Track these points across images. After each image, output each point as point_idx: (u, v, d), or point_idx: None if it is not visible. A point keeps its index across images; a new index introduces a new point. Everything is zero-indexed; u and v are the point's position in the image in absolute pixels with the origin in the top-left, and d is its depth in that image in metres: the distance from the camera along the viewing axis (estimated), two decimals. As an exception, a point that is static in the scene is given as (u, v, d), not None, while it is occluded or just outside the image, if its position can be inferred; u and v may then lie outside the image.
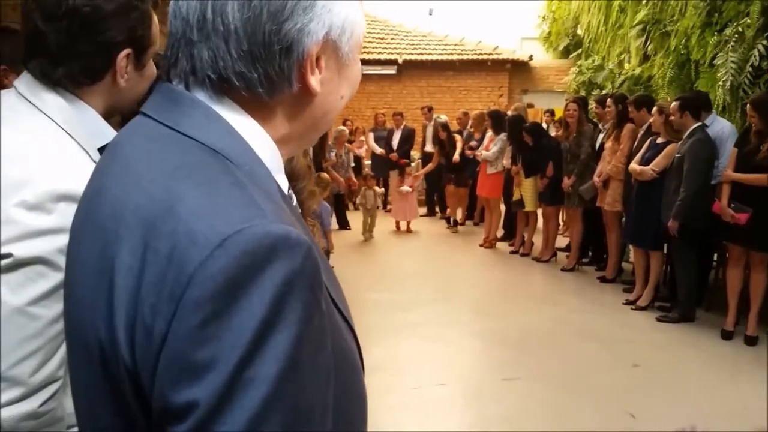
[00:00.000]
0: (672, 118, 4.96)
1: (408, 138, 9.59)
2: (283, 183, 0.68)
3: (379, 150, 9.48)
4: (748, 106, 4.52)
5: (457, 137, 8.47)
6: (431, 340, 4.60)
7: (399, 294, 5.31)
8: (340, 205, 8.42)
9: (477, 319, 4.97)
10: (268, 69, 0.60)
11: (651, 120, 5.34)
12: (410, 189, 8.34)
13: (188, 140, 0.60)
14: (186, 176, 0.56)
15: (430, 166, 8.75)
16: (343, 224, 8.49)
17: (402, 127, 9.60)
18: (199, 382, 0.50)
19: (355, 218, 8.48)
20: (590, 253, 6.80)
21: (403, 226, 8.52)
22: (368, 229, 7.95)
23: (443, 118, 9.83)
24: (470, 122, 8.74)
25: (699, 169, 4.68)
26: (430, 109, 9.53)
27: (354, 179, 8.50)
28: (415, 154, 10.05)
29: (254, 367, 0.50)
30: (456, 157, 8.24)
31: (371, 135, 9.83)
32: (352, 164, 8.91)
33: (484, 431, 3.31)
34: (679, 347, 4.54)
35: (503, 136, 7.26)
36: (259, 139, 0.64)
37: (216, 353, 0.50)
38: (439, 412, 3.52)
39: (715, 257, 5.52)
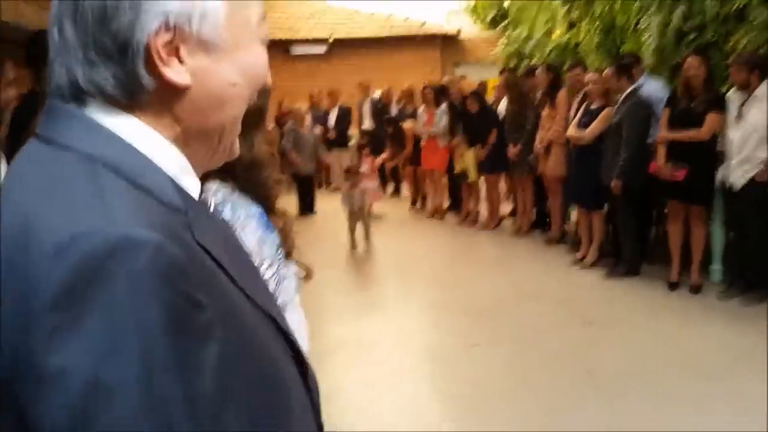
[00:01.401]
0: (608, 85, 5.10)
1: (344, 116, 9.51)
2: (191, 185, 0.65)
3: (317, 131, 9.35)
4: (689, 57, 4.65)
5: (406, 125, 8.21)
6: (392, 314, 4.63)
7: (355, 272, 5.30)
8: (305, 188, 8.20)
9: (434, 291, 5.03)
10: (115, 72, 0.60)
11: (586, 86, 5.45)
12: (368, 170, 7.78)
13: (67, 154, 0.59)
14: (48, 191, 0.57)
15: (385, 157, 8.43)
16: (308, 208, 8.26)
17: (338, 105, 9.51)
18: (55, 394, 0.50)
19: (323, 201, 8.36)
20: (534, 218, 6.96)
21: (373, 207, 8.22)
22: (364, 237, 6.48)
23: (378, 93, 9.85)
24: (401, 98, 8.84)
25: (638, 131, 4.86)
26: (368, 85, 9.47)
27: (326, 158, 8.36)
28: (353, 132, 9.99)
29: (109, 375, 0.50)
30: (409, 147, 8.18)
31: (308, 117, 9.69)
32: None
33: (451, 399, 3.36)
34: (628, 301, 4.73)
35: (445, 107, 7.31)
36: (147, 140, 0.62)
37: (66, 363, 0.50)
38: (407, 383, 3.54)
39: (655, 213, 5.76)
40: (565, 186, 5.96)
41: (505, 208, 7.38)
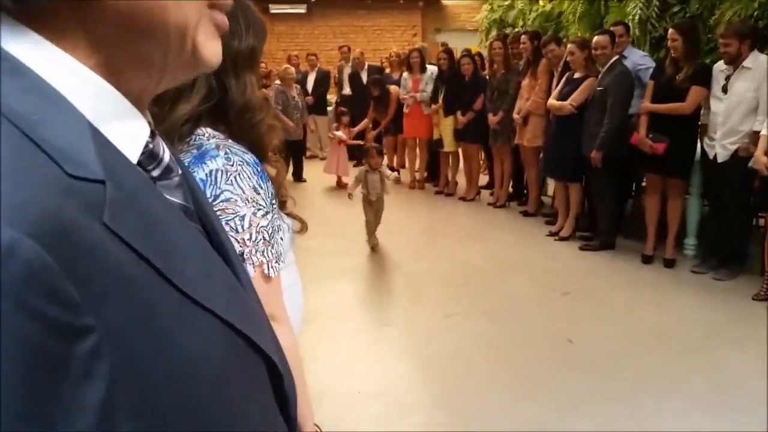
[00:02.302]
0: (598, 51, 5.03)
1: (323, 80, 9.33)
2: (129, 132, 0.48)
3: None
4: (670, 30, 4.63)
5: (393, 88, 7.82)
6: (370, 283, 4.61)
7: (334, 240, 5.24)
8: (296, 153, 7.87)
9: (413, 260, 5.00)
10: None
11: (569, 56, 5.39)
12: (344, 136, 7.59)
13: None
14: None
15: (365, 122, 8.15)
16: (299, 176, 7.98)
17: (316, 69, 9.32)
18: None
19: (310, 168, 8.19)
20: (512, 189, 6.96)
21: (344, 179, 7.68)
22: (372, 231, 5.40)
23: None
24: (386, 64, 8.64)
25: (622, 101, 4.83)
26: (349, 49, 9.27)
27: (309, 124, 7.96)
28: (331, 97, 9.83)
29: None
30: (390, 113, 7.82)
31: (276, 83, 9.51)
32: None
33: (431, 369, 3.36)
34: (603, 273, 4.77)
35: (432, 74, 7.19)
36: (56, 68, 0.44)
37: None
38: (385, 352, 3.53)
39: (633, 186, 5.79)
40: (544, 158, 5.94)
41: (482, 179, 7.36)
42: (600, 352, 3.49)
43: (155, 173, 0.52)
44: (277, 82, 7.93)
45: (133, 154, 0.48)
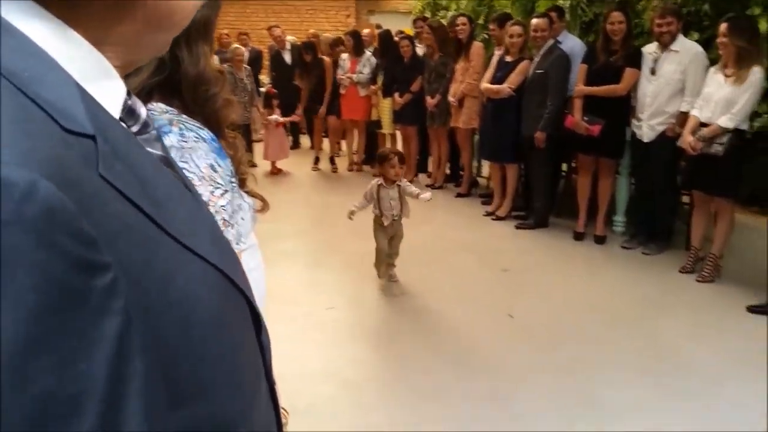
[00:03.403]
0: (537, 34, 5.12)
1: (256, 60, 9.10)
2: (110, 91, 0.50)
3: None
4: (614, 14, 4.67)
5: (326, 60, 7.51)
6: (315, 266, 4.57)
7: (275, 224, 5.15)
8: (245, 138, 7.55)
9: (356, 242, 4.97)
10: None
11: (511, 38, 5.45)
12: (281, 119, 7.33)
13: None
14: None
15: (303, 97, 7.71)
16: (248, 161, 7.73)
17: (249, 48, 9.07)
18: None
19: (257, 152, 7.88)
20: (449, 171, 7.05)
21: (279, 165, 7.53)
22: (389, 262, 4.17)
23: (290, 39, 9.46)
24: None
25: (563, 83, 4.96)
26: (282, 31, 9.00)
27: (261, 109, 7.43)
28: (264, 78, 9.62)
29: None
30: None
31: (216, 58, 9.20)
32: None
33: (380, 348, 3.38)
34: (538, 251, 4.92)
35: (369, 55, 7.14)
36: (44, 31, 0.45)
37: None
38: (333, 334, 3.52)
39: (564, 167, 5.98)
40: (480, 141, 6.03)
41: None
42: (541, 325, 3.60)
43: (134, 129, 0.54)
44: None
45: (115, 111, 0.50)
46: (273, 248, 4.67)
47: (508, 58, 5.44)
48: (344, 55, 7.34)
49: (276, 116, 7.30)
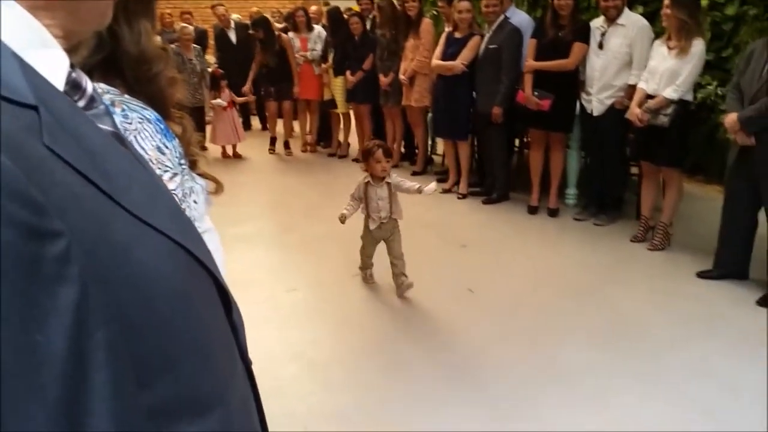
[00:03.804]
0: (489, 9, 5.13)
1: (200, 40, 8.83)
2: (52, 62, 0.48)
3: (169, 56, 8.63)
4: None
5: (284, 37, 7.10)
6: (273, 248, 4.52)
7: (230, 207, 5.06)
8: (197, 121, 7.16)
9: (313, 224, 4.95)
10: None
11: (460, 13, 5.45)
12: (225, 104, 6.96)
13: None
14: None
15: (252, 74, 7.36)
16: (201, 145, 7.37)
17: (193, 28, 8.80)
18: None
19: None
20: (403, 150, 7.05)
21: (229, 150, 7.28)
22: (397, 272, 3.69)
23: (235, 17, 9.23)
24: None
25: (516, 58, 5.00)
26: (226, 9, 8.76)
27: (208, 92, 7.04)
28: (210, 58, 9.36)
29: None
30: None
31: (158, 39, 8.89)
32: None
33: (344, 328, 3.38)
34: (494, 225, 4.99)
35: (320, 32, 7.03)
36: None
37: None
38: (295, 316, 3.50)
39: (516, 142, 6.06)
40: (434, 119, 6.01)
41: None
42: (500, 298, 3.67)
43: (81, 104, 0.52)
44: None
45: (58, 83, 0.48)
46: (230, 232, 4.60)
47: (458, 35, 5.45)
48: (292, 34, 7.18)
49: (220, 100, 7.00)
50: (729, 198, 3.75)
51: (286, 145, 7.50)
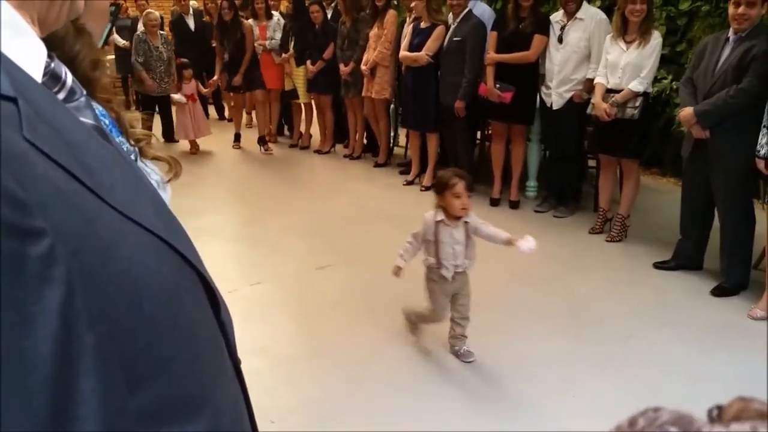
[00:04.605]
0: (454, 2, 5.12)
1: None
2: (29, 51, 0.47)
3: (122, 42, 8.33)
4: None
5: (246, 24, 6.78)
6: (235, 241, 4.46)
7: (193, 200, 4.96)
8: (164, 111, 6.94)
9: (276, 215, 4.91)
10: None
11: (414, 5, 5.44)
12: (185, 99, 6.68)
13: None
14: None
15: (219, 66, 7.00)
16: (169, 137, 6.99)
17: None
18: None
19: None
20: (366, 141, 7.03)
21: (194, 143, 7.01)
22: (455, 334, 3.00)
23: (193, 4, 9.00)
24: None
25: (480, 51, 5.01)
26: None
27: (176, 78, 6.77)
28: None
29: None
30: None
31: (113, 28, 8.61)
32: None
33: (308, 322, 3.36)
34: (458, 218, 5.01)
35: (279, 20, 6.93)
36: None
37: None
38: (260, 309, 3.46)
39: (478, 135, 6.10)
40: (404, 112, 5.95)
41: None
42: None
43: (61, 96, 0.52)
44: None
45: (36, 74, 0.47)
46: (192, 224, 4.51)
47: (423, 24, 5.43)
48: (251, 21, 6.97)
49: (180, 96, 6.69)
50: (685, 191, 3.85)
51: (262, 141, 7.00)
